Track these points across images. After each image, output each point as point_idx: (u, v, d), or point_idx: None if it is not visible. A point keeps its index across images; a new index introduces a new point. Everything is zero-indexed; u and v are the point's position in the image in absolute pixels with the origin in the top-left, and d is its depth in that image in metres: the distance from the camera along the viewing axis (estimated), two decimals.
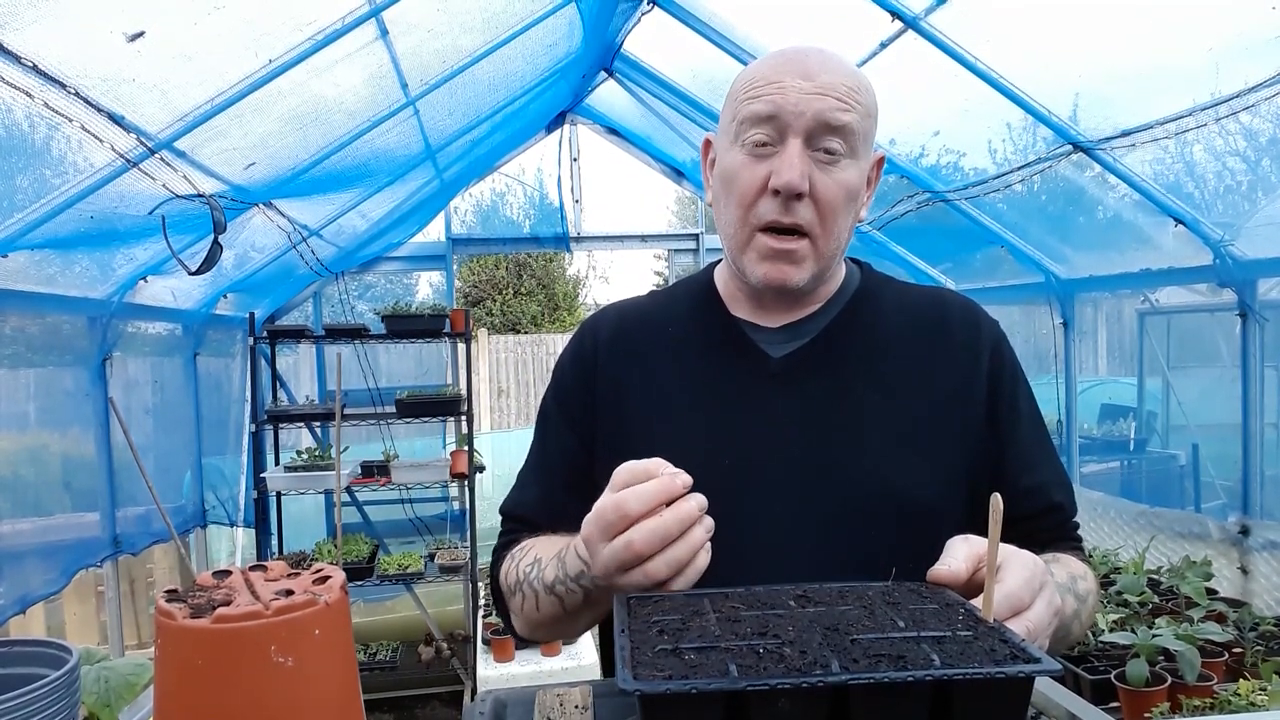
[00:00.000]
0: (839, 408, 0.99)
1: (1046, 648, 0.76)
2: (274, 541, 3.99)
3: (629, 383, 1.06)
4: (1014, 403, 1.03)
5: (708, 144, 1.07)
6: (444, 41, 2.50)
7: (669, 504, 0.77)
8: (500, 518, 1.13)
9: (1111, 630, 2.39)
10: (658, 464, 0.79)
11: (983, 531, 0.74)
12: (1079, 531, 1.07)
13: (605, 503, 0.78)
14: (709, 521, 0.78)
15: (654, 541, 0.75)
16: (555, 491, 1.07)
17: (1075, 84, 2.57)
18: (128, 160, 1.85)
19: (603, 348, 1.09)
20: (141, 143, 1.84)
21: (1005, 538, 0.71)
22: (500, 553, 1.09)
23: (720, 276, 1.11)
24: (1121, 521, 3.26)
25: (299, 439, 4.35)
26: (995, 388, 1.02)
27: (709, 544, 0.78)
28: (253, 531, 3.98)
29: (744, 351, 1.03)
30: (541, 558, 0.96)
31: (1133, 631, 2.28)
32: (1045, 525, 1.02)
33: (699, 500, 0.78)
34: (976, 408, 1.01)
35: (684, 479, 0.78)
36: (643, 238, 4.98)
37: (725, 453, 0.98)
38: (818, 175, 0.93)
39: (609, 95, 4.37)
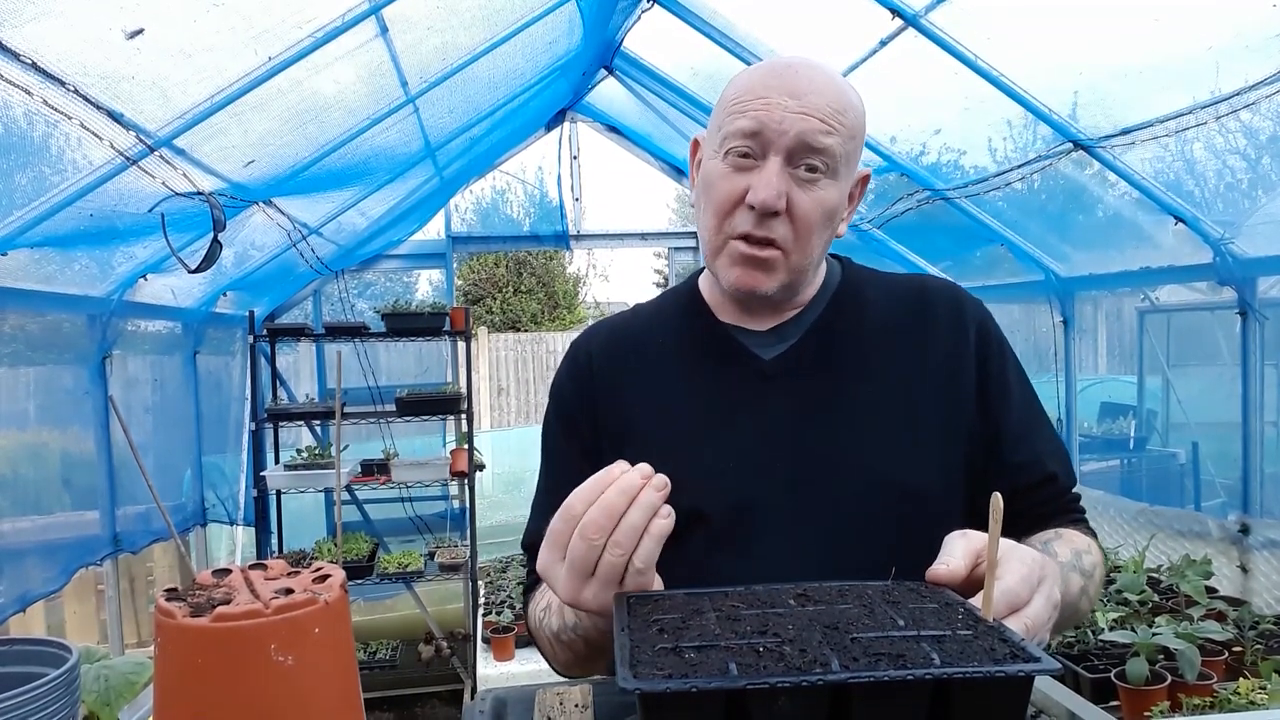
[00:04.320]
0: (833, 403, 0.99)
1: (1048, 639, 0.75)
2: (274, 540, 3.99)
3: (626, 394, 1.06)
4: (1003, 378, 1.03)
5: (696, 144, 1.07)
6: (444, 38, 2.50)
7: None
8: (522, 551, 1.12)
9: (1111, 629, 2.39)
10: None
11: (983, 517, 0.74)
12: (1081, 503, 1.06)
13: (550, 524, 0.76)
14: (660, 480, 0.75)
15: (602, 520, 0.72)
16: None
17: (1075, 82, 2.57)
18: (127, 158, 1.85)
19: (597, 361, 1.09)
20: (141, 140, 1.84)
21: (1007, 513, 0.70)
22: (527, 594, 1.09)
23: (704, 284, 1.11)
24: (1121, 520, 3.26)
25: (299, 437, 4.35)
26: (983, 365, 1.02)
27: (669, 508, 0.75)
28: (252, 530, 3.97)
29: (735, 356, 1.03)
30: (551, 604, 0.96)
31: (1133, 630, 2.28)
32: (1042, 498, 1.01)
33: (642, 469, 0.75)
34: (967, 387, 1.01)
35: (620, 465, 0.76)
36: (643, 236, 4.98)
37: (727, 456, 0.98)
38: (796, 193, 0.93)
39: (609, 93, 4.36)
